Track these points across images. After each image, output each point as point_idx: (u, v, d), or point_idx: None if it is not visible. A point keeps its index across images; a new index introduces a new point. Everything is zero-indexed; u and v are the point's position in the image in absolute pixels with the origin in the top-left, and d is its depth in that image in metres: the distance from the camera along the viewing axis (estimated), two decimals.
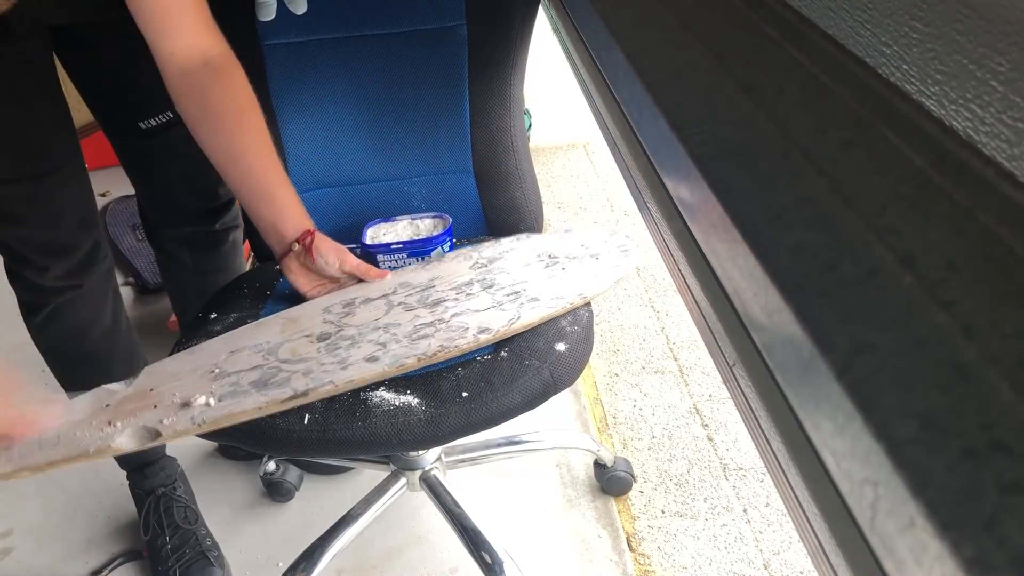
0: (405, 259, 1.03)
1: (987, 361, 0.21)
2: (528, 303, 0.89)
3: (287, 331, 0.88)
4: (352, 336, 0.85)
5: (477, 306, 0.89)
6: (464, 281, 0.94)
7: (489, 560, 1.05)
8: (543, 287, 0.92)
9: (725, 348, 0.36)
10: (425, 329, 0.85)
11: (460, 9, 1.06)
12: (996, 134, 0.26)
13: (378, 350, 0.82)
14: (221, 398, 0.78)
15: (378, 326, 0.87)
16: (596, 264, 0.97)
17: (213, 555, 1.23)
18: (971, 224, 0.26)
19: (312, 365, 0.81)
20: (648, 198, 0.47)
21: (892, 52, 0.32)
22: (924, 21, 0.29)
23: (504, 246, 1.02)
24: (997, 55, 0.25)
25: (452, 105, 1.10)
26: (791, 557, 1.23)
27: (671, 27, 0.47)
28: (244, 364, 0.83)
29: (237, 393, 0.78)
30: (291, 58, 1.08)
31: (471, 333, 0.84)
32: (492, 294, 0.91)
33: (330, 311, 0.91)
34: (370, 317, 0.88)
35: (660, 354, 1.67)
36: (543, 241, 1.03)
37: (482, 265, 0.96)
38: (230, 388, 0.79)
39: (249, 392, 0.78)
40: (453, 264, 0.98)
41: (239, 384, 0.80)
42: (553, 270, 0.95)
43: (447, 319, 0.87)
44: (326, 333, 0.87)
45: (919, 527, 0.19)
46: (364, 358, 0.81)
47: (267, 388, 0.79)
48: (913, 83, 0.30)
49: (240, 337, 0.89)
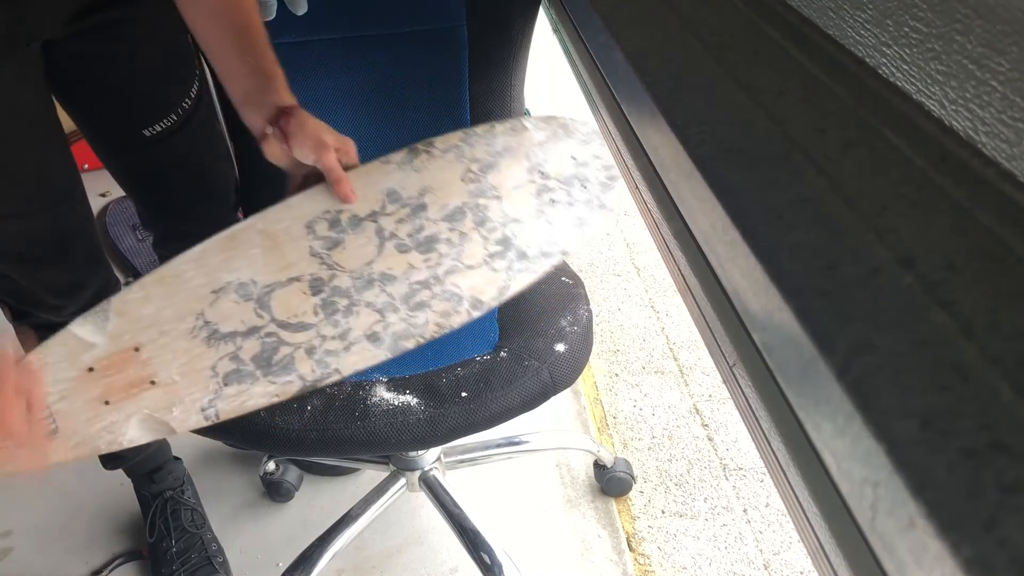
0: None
1: (987, 361, 0.21)
2: (518, 262, 0.88)
3: (271, 262, 0.82)
4: (347, 292, 0.82)
5: (469, 258, 0.87)
6: (456, 206, 0.90)
7: (488, 561, 1.05)
8: (532, 233, 0.91)
9: (725, 348, 0.36)
10: (421, 292, 0.84)
11: (461, 10, 1.06)
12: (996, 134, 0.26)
13: (377, 323, 0.81)
14: (227, 381, 0.76)
15: (373, 277, 0.84)
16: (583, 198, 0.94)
17: (218, 561, 1.23)
18: (971, 224, 0.26)
19: (313, 339, 0.79)
20: (648, 198, 0.47)
21: (892, 52, 0.32)
22: (924, 21, 0.29)
23: (498, 144, 0.95)
24: (997, 55, 0.25)
25: (453, 105, 1.10)
26: (791, 557, 1.23)
27: (671, 27, 0.47)
28: (236, 321, 0.79)
29: (243, 376, 0.76)
30: (291, 58, 1.08)
31: (464, 307, 0.84)
32: (484, 236, 0.89)
33: (315, 232, 0.84)
34: (361, 258, 0.84)
35: (660, 354, 1.67)
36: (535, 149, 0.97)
37: (474, 178, 0.92)
38: (232, 365, 0.77)
39: (255, 375, 0.77)
40: (444, 167, 0.92)
41: (241, 360, 0.77)
42: (542, 200, 0.93)
43: (441, 277, 0.85)
44: (318, 279, 0.82)
45: (919, 527, 0.19)
46: (365, 335, 0.80)
47: (272, 369, 0.77)
48: (913, 83, 0.30)
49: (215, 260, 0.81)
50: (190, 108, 1.03)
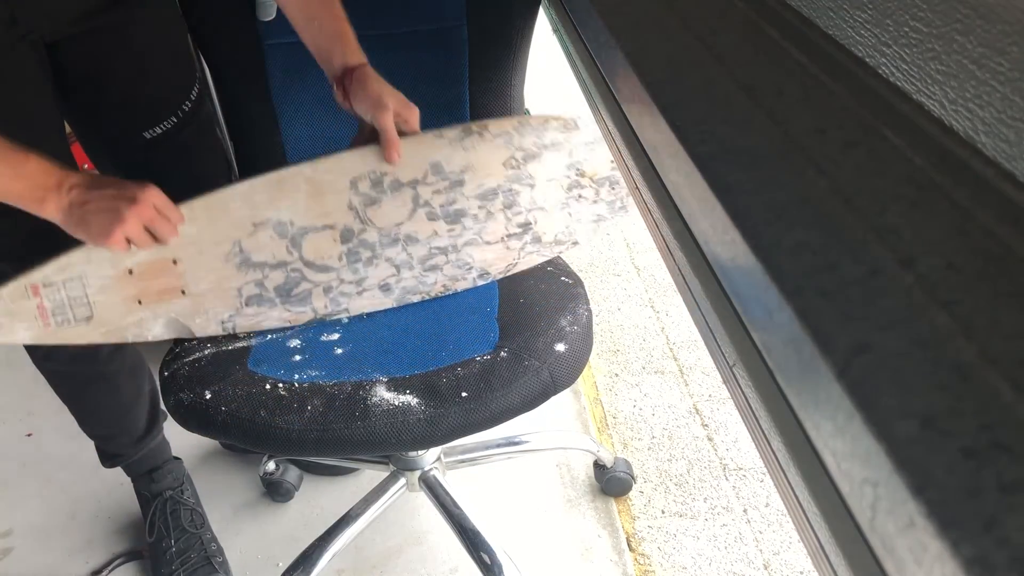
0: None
1: (987, 361, 0.21)
2: (531, 245, 0.92)
3: (311, 208, 0.88)
4: (372, 246, 0.88)
5: (489, 235, 0.91)
6: (491, 187, 0.94)
7: (488, 561, 1.05)
8: (552, 222, 0.94)
9: (725, 348, 0.36)
10: (437, 256, 0.88)
11: (461, 9, 1.06)
12: (996, 134, 0.26)
13: (391, 277, 0.87)
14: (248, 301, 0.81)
15: (398, 236, 0.89)
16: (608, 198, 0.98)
17: (217, 561, 1.23)
18: (971, 224, 0.26)
19: (332, 280, 0.86)
20: (648, 198, 0.47)
21: (892, 52, 0.32)
22: (924, 21, 0.29)
23: (547, 139, 0.97)
24: (997, 55, 0.25)
25: (452, 104, 1.10)
26: (791, 557, 1.23)
27: (671, 27, 0.47)
28: (268, 254, 0.86)
29: (263, 300, 0.84)
30: (292, 58, 1.08)
31: (472, 275, 0.88)
32: (508, 219, 0.92)
33: (356, 189, 0.89)
34: (393, 219, 0.89)
35: (660, 354, 1.67)
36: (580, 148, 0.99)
37: (515, 165, 0.95)
38: (256, 290, 0.83)
39: (274, 301, 0.84)
40: (491, 151, 0.95)
41: (264, 287, 0.84)
42: (571, 195, 0.96)
43: (459, 247, 0.89)
44: (349, 230, 0.88)
45: (919, 527, 0.19)
46: (379, 284, 0.86)
47: (290, 300, 0.84)
48: (913, 83, 0.30)
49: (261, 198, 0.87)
50: (190, 111, 1.03)
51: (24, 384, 1.59)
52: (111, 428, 1.22)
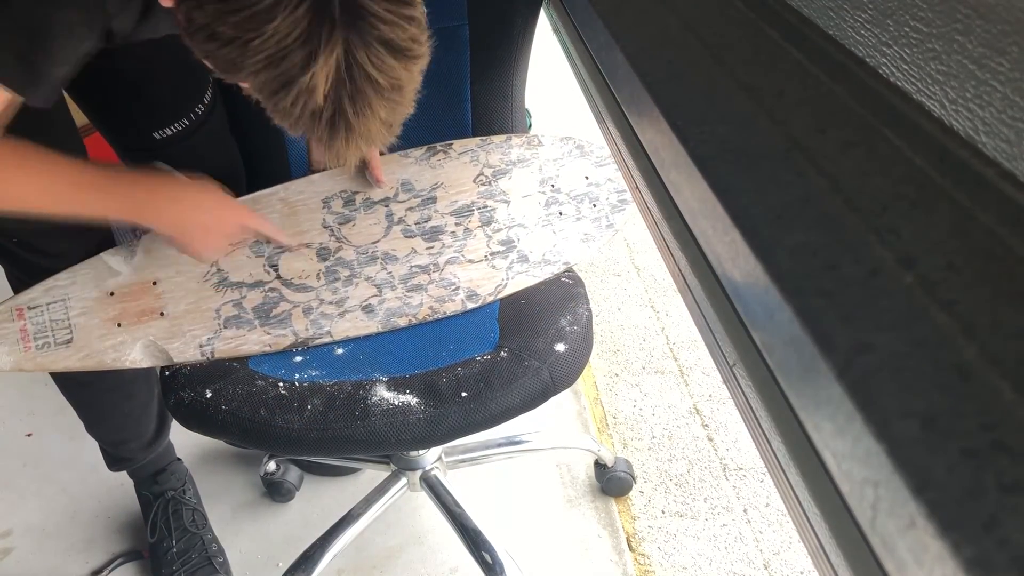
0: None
1: (987, 361, 0.21)
2: (518, 263, 0.91)
3: (286, 227, 0.89)
4: (350, 264, 0.88)
5: (471, 252, 0.90)
6: (465, 203, 0.94)
7: (490, 560, 1.05)
8: (536, 238, 0.93)
9: (725, 348, 0.36)
10: (419, 276, 0.87)
11: (462, 9, 1.06)
12: (996, 134, 0.26)
13: (373, 297, 0.85)
14: (227, 323, 0.80)
15: (376, 254, 0.88)
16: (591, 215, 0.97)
17: (218, 561, 1.23)
18: (971, 224, 0.26)
19: (312, 300, 0.85)
20: (648, 198, 0.47)
21: (892, 52, 0.32)
22: (924, 21, 0.29)
23: (513, 155, 1.00)
24: (997, 55, 0.25)
25: (454, 104, 1.10)
26: (791, 557, 1.23)
27: (671, 27, 0.47)
28: (245, 273, 0.86)
29: (242, 321, 0.82)
30: None
31: (460, 297, 0.87)
32: (488, 236, 0.92)
33: (330, 207, 0.90)
34: (369, 236, 0.89)
35: (660, 354, 1.67)
36: (549, 164, 1.01)
37: (486, 181, 0.96)
38: (234, 311, 0.82)
39: (253, 323, 0.82)
40: (459, 168, 0.96)
41: (243, 308, 0.83)
42: (551, 212, 0.96)
43: (440, 266, 0.89)
44: (325, 248, 0.88)
45: (919, 527, 0.19)
46: (361, 305, 0.84)
47: (269, 321, 0.82)
48: (913, 83, 0.30)
49: None
50: (202, 116, 1.04)
51: (24, 384, 1.59)
52: (122, 434, 1.22)
